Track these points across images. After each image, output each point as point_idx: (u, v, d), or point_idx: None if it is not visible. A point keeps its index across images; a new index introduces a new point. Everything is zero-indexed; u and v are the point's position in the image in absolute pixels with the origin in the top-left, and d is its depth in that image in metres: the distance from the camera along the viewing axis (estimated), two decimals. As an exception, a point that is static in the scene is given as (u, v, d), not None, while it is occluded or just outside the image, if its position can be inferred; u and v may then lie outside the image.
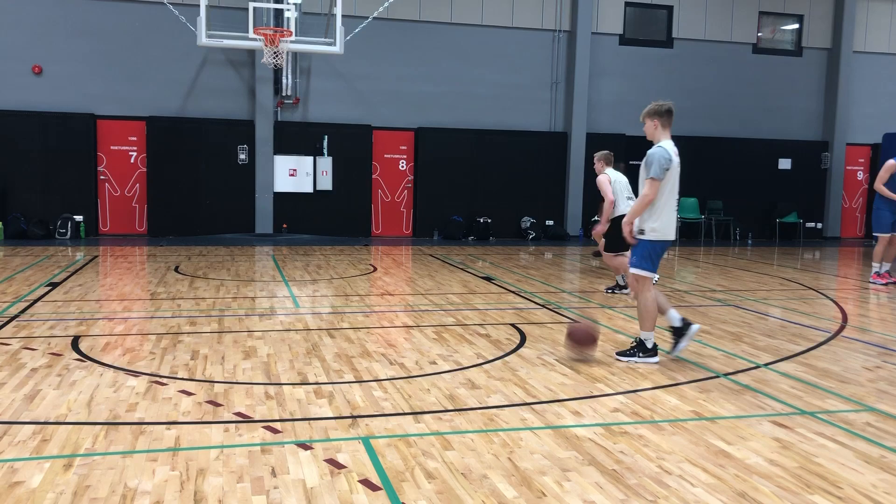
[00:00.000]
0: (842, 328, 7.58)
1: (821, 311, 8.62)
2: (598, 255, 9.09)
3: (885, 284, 10.61)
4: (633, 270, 5.92)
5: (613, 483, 3.62)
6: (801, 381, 5.50)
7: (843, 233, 19.76)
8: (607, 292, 9.43)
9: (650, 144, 5.91)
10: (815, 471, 3.82)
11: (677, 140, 6.17)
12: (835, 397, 5.11)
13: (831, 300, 9.42)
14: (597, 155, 9.47)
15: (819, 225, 19.30)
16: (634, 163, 18.07)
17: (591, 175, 11.48)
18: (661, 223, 5.76)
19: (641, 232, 5.83)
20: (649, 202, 5.71)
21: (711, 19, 18.34)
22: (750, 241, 18.17)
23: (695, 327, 5.97)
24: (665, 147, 5.75)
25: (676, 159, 5.79)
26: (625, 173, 9.52)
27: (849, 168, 19.64)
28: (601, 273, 11.24)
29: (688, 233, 18.14)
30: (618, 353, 6.03)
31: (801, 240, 18.63)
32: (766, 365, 5.98)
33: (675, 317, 5.98)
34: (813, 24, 18.99)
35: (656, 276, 6.13)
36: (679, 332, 5.96)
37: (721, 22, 18.41)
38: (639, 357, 5.91)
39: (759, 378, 5.58)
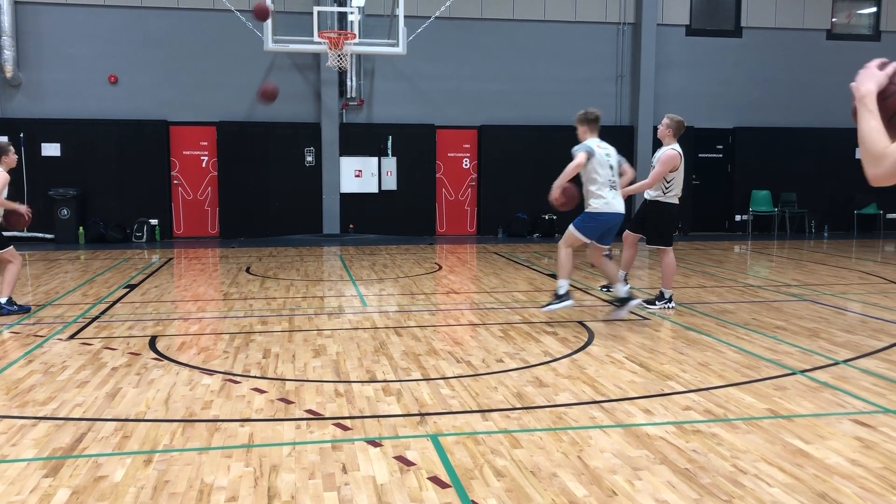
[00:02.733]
0: (927, 323, 7.26)
1: (904, 305, 8.27)
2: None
3: None
4: (572, 227, 7.15)
5: (686, 482, 3.55)
6: (884, 379, 5.29)
7: (928, 224, 18.91)
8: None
9: (721, 136, 6.06)
10: (901, 471, 3.67)
11: (748, 130, 6.09)
12: (920, 395, 4.89)
13: (915, 294, 9.03)
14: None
15: (901, 216, 18.51)
16: (704, 155, 17.92)
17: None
18: (600, 202, 7.25)
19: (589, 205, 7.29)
20: (574, 169, 7.09)
21: (782, 6, 17.75)
22: (826, 234, 17.55)
23: (634, 301, 7.26)
24: (587, 143, 7.24)
25: (599, 151, 7.20)
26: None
27: (932, 156, 18.76)
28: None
29: (760, 226, 17.61)
30: (542, 308, 7.20)
31: (881, 231, 17.88)
32: (846, 361, 5.78)
33: (622, 289, 7.27)
34: (892, 6, 18.19)
35: (607, 250, 7.70)
36: (622, 302, 7.21)
37: (792, 8, 17.81)
38: (554, 304, 7.07)
39: (839, 375, 5.39)
